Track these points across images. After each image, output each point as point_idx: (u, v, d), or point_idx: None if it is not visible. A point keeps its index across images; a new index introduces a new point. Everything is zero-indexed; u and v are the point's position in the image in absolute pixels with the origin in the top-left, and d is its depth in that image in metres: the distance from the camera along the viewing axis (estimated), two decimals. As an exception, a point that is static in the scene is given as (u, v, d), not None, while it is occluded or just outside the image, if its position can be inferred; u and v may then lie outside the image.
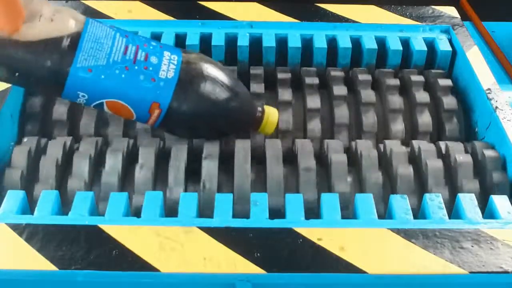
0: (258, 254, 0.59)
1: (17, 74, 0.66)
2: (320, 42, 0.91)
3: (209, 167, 0.71)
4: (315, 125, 0.83)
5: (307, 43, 0.92)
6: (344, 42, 0.91)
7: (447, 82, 0.86)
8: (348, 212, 0.69)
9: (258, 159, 0.75)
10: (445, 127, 0.83)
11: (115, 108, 0.70)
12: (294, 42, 0.91)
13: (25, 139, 0.76)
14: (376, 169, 0.73)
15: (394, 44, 0.91)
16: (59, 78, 0.66)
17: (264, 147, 0.75)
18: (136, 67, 0.68)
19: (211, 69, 0.73)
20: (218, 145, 0.74)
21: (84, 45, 0.66)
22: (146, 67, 0.69)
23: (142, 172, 0.71)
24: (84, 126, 0.81)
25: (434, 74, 0.88)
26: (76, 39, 0.66)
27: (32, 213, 0.64)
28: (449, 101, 0.84)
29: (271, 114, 0.78)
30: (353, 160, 0.76)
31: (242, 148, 0.73)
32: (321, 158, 0.78)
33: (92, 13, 0.92)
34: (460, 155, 0.73)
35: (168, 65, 0.70)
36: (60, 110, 0.82)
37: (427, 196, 0.67)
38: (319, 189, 0.70)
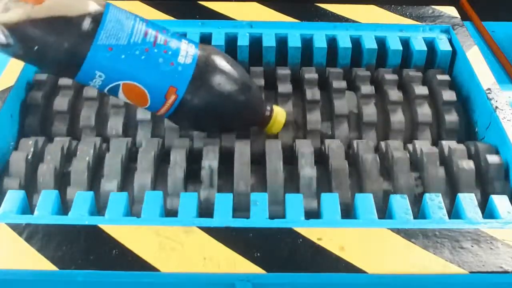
0: (258, 254, 0.59)
1: (35, 49, 0.65)
2: (320, 42, 0.91)
3: (209, 169, 0.71)
4: (315, 117, 0.83)
5: (307, 43, 0.92)
6: (344, 42, 0.91)
7: (445, 77, 0.86)
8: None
9: (258, 159, 0.75)
10: (444, 119, 0.83)
11: (130, 92, 0.70)
12: (294, 42, 0.91)
13: (22, 141, 0.75)
14: (377, 175, 0.72)
15: (394, 44, 0.91)
16: (78, 55, 0.66)
17: (264, 148, 0.75)
18: (155, 50, 0.69)
19: (227, 61, 0.74)
20: (218, 146, 0.74)
21: (106, 24, 0.66)
22: (166, 51, 0.69)
23: (142, 174, 0.71)
24: (84, 119, 0.82)
25: (433, 72, 0.89)
26: (98, 17, 0.66)
27: (32, 213, 0.64)
28: (447, 94, 0.84)
29: (279, 114, 0.79)
30: (354, 162, 0.76)
31: (242, 149, 0.73)
32: (322, 157, 0.78)
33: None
34: (463, 161, 0.73)
35: (187, 52, 0.71)
36: (61, 102, 0.82)
37: (427, 196, 0.67)
38: (319, 194, 0.70)
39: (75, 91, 0.84)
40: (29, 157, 0.72)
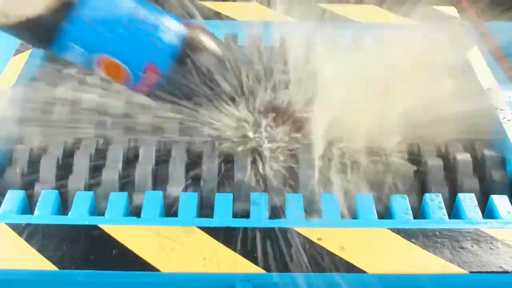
0: (258, 254, 0.59)
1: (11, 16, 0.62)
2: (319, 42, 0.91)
3: (209, 169, 0.71)
4: None
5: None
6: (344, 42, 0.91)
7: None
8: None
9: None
10: None
11: (107, 66, 0.67)
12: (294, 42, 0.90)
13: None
14: None
15: (394, 44, 0.91)
16: (55, 24, 0.63)
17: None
18: (138, 25, 0.66)
19: (212, 41, 0.71)
20: (217, 147, 0.75)
21: None
22: (148, 27, 0.66)
23: (142, 172, 0.71)
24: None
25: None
26: None
27: (32, 213, 0.64)
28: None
29: None
30: None
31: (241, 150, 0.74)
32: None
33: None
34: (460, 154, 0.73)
35: (171, 29, 0.68)
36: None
37: (427, 196, 0.67)
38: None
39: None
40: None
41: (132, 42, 0.65)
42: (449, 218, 0.65)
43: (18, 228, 0.61)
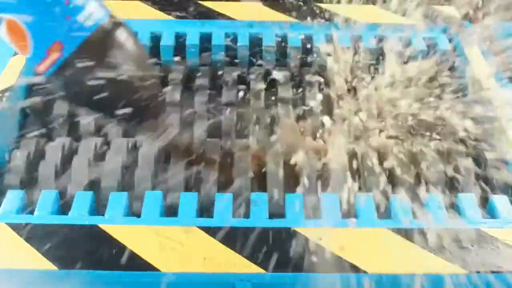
0: (258, 254, 0.59)
1: None
2: (320, 42, 0.91)
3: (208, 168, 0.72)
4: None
5: (307, 43, 0.92)
6: (344, 42, 0.91)
7: None
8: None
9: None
10: None
11: (14, 31, 0.61)
12: (294, 42, 0.91)
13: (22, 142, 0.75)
14: None
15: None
16: None
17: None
18: None
19: (130, 39, 0.67)
20: (219, 146, 0.74)
21: None
22: (67, 2, 0.61)
23: (141, 172, 0.71)
24: (84, 125, 0.81)
25: None
26: None
27: (32, 213, 0.64)
28: None
29: None
30: None
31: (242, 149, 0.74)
32: None
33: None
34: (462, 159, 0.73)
35: (91, 14, 0.63)
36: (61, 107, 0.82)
37: (427, 196, 0.67)
38: None
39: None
40: (30, 155, 0.72)
41: (47, 11, 0.61)
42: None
43: (18, 228, 0.61)
